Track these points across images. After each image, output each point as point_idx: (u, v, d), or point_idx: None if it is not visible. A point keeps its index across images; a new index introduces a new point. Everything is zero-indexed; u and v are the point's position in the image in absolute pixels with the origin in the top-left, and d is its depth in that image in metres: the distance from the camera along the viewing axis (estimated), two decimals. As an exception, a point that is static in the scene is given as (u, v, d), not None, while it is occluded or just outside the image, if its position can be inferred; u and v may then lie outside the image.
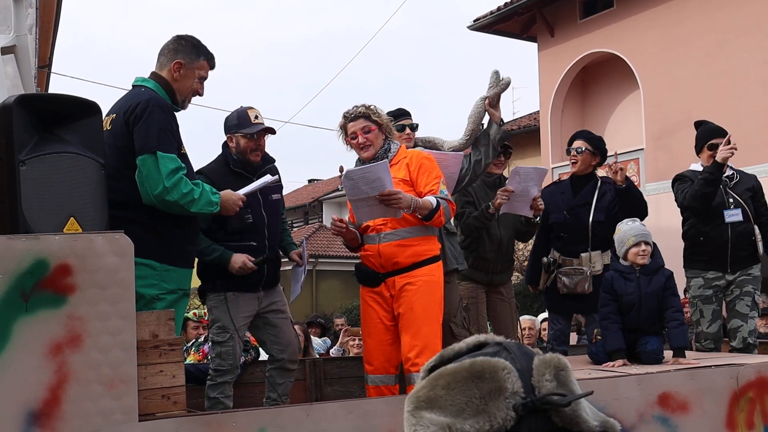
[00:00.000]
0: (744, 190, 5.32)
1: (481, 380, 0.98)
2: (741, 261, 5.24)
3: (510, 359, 1.00)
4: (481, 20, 17.49)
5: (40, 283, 2.61)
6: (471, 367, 1.00)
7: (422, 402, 1.00)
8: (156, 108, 3.49)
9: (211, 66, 3.79)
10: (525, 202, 4.98)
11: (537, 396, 0.97)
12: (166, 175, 3.41)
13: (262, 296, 4.29)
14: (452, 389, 0.99)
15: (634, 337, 4.58)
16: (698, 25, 14.12)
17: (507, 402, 0.96)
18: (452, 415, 0.96)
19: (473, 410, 0.96)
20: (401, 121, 4.77)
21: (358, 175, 3.83)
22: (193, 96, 3.78)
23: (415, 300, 3.97)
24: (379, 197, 3.82)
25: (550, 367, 1.01)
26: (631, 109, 16.08)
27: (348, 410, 3.05)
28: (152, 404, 2.87)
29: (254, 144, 4.26)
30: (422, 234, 4.07)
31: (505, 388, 0.97)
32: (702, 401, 3.76)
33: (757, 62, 13.07)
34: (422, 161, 4.14)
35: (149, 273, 3.46)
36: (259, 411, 2.98)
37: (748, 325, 5.14)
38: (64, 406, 2.60)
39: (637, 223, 4.76)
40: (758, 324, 9.00)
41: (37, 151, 2.99)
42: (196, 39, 3.77)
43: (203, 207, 3.55)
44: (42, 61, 12.62)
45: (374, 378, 4.08)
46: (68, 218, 2.98)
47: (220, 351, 4.19)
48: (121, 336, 2.71)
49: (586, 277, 5.07)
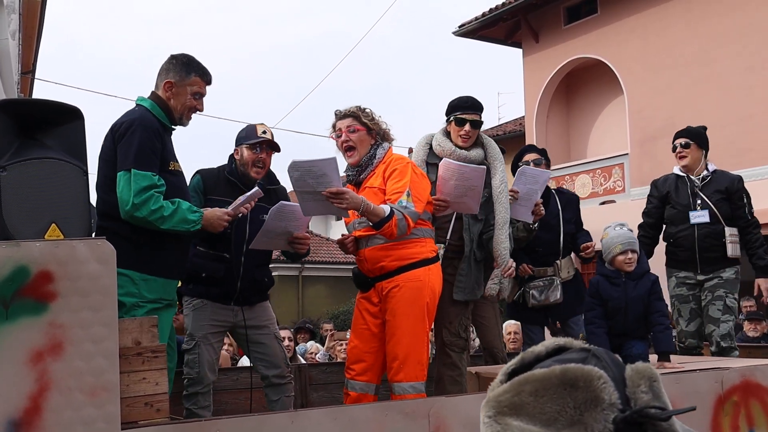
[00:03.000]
0: (714, 191, 5.25)
1: (574, 389, 0.93)
2: (711, 262, 5.19)
3: (602, 367, 0.96)
4: (466, 26, 17.55)
5: (20, 291, 2.58)
6: (563, 375, 0.94)
7: (505, 408, 0.94)
8: (139, 128, 3.55)
9: (205, 81, 3.83)
10: (527, 207, 4.80)
11: (634, 408, 0.93)
12: (136, 192, 3.45)
13: (238, 311, 4.21)
14: (541, 396, 0.93)
15: (620, 341, 4.60)
16: (681, 32, 14.24)
17: (605, 413, 0.92)
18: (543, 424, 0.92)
19: (567, 420, 0.92)
20: (464, 114, 4.39)
21: (305, 168, 3.64)
22: (191, 112, 3.82)
23: (398, 307, 3.85)
24: (325, 194, 3.65)
25: (644, 377, 0.97)
26: (615, 115, 16.18)
27: (333, 417, 3.02)
28: (135, 412, 2.84)
29: (257, 157, 4.22)
30: (408, 237, 3.89)
31: (602, 398, 0.92)
32: (687, 405, 3.76)
33: (740, 69, 13.18)
34: (396, 167, 3.94)
35: (127, 282, 3.45)
36: (242, 418, 2.95)
37: (720, 329, 5.08)
38: (45, 414, 2.56)
39: (624, 230, 4.77)
40: (747, 328, 9.09)
41: (19, 157, 2.96)
42: (189, 57, 3.81)
43: (177, 224, 3.53)
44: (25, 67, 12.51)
45: (354, 384, 3.99)
46: (50, 225, 2.95)
47: (187, 359, 4.14)
48: (104, 343, 2.68)
49: (556, 287, 5.17)
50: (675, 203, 5.37)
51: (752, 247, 5.16)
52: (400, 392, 3.80)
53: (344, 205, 3.70)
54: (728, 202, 5.24)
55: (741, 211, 5.21)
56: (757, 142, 12.66)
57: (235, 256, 4.15)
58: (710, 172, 5.34)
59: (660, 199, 5.47)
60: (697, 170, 5.36)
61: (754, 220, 5.26)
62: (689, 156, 5.34)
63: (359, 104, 4.10)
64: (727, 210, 5.23)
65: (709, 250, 5.18)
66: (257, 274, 4.26)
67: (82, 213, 3.07)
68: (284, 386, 4.33)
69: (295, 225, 4.00)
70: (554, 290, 5.17)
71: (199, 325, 4.13)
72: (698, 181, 5.32)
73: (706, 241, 5.18)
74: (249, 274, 4.20)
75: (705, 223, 5.20)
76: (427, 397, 3.87)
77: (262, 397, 4.66)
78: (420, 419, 3.10)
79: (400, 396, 3.78)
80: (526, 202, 4.77)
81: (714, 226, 5.19)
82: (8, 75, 4.78)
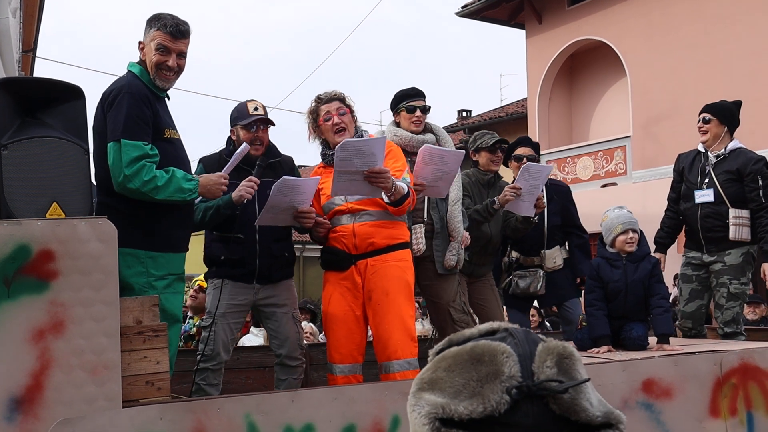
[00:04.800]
0: (725, 171, 5.11)
1: (480, 363, 0.98)
2: (715, 242, 5.10)
3: (513, 344, 0.99)
4: (469, 6, 17.45)
5: (22, 269, 2.59)
6: (472, 351, 0.99)
7: (425, 383, 1.00)
8: (126, 95, 3.47)
9: (167, 32, 3.59)
10: (530, 202, 4.82)
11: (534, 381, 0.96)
12: (127, 163, 3.38)
13: (259, 289, 4.22)
14: (452, 371, 0.99)
15: (620, 323, 4.60)
16: (685, 13, 14.15)
17: (502, 386, 0.95)
18: (449, 396, 0.96)
19: (469, 392, 0.96)
20: (412, 101, 4.58)
21: (355, 147, 3.72)
22: (163, 71, 3.62)
23: (390, 285, 3.91)
24: (368, 173, 3.75)
25: (552, 354, 0.99)
26: (618, 97, 16.12)
27: (333, 396, 3.04)
28: (136, 390, 2.86)
29: (253, 135, 4.21)
30: (396, 218, 4.03)
31: (502, 371, 0.96)
32: (686, 387, 3.79)
33: (744, 51, 13.12)
34: (391, 147, 4.09)
35: (134, 262, 3.42)
36: (244, 397, 2.97)
37: (724, 315, 5.06)
38: (47, 392, 2.58)
39: (624, 211, 4.77)
40: (746, 311, 9.10)
41: (20, 135, 2.96)
42: (157, 13, 3.67)
43: (172, 194, 3.47)
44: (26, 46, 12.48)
45: (342, 368, 4.00)
46: (51, 203, 2.95)
47: (204, 336, 4.18)
48: (105, 322, 2.69)
49: (539, 278, 5.30)
50: (686, 179, 5.30)
51: (761, 231, 5.01)
52: (398, 369, 3.85)
53: (384, 185, 3.81)
54: (739, 183, 5.09)
55: (754, 193, 5.04)
56: (759, 125, 12.61)
57: (250, 235, 4.16)
58: (728, 151, 5.17)
59: (679, 173, 5.39)
60: (715, 147, 5.22)
61: None
62: (709, 132, 5.20)
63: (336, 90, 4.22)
64: (736, 191, 5.08)
65: (711, 230, 5.10)
66: (275, 250, 4.25)
67: (84, 191, 3.07)
68: (294, 368, 4.31)
69: (299, 199, 3.98)
70: (537, 281, 5.30)
71: (218, 303, 4.14)
72: (713, 158, 5.18)
73: (707, 221, 5.10)
74: (266, 251, 4.21)
75: (709, 202, 5.12)
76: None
77: (264, 376, 4.69)
78: (420, 399, 3.12)
79: (398, 373, 3.83)
80: (528, 197, 4.80)
81: (718, 206, 5.09)
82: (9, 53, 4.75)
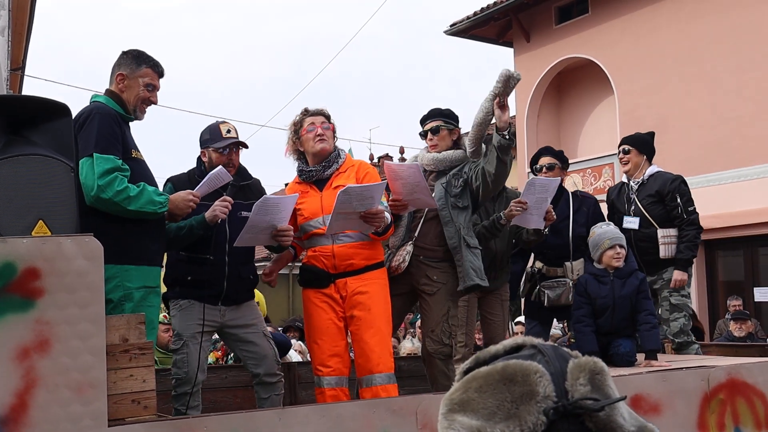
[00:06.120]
0: (646, 195, 5.30)
1: (513, 383, 0.97)
2: (653, 264, 5.24)
3: (543, 362, 0.99)
4: (457, 25, 17.54)
5: (7, 287, 2.57)
6: (503, 371, 0.98)
7: (455, 405, 0.99)
8: (97, 115, 3.59)
9: (157, 72, 3.86)
10: (538, 215, 4.72)
11: (569, 400, 0.96)
12: (100, 174, 3.46)
13: (225, 311, 4.20)
14: (484, 392, 0.97)
15: (608, 339, 4.62)
16: (672, 32, 14.28)
17: (538, 406, 0.95)
18: (483, 418, 0.95)
19: (504, 414, 0.95)
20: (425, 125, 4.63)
21: (357, 192, 3.89)
22: (145, 105, 3.84)
23: (372, 302, 4.07)
24: (365, 213, 3.93)
25: (584, 370, 0.99)
26: (606, 115, 16.21)
27: (321, 414, 3.03)
28: (122, 409, 2.83)
29: (226, 158, 4.21)
30: (372, 239, 4.18)
31: (537, 392, 0.95)
32: (674, 403, 3.79)
33: (730, 69, 13.23)
34: (368, 170, 4.32)
35: (108, 276, 3.42)
36: (230, 415, 2.96)
37: (671, 328, 5.21)
38: (32, 411, 2.56)
39: (611, 227, 4.82)
40: (732, 327, 9.14)
41: (5, 153, 2.95)
42: (140, 51, 3.87)
43: (144, 205, 3.55)
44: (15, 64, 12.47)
45: (330, 380, 4.06)
46: (37, 221, 2.94)
47: (176, 359, 4.12)
48: (91, 340, 2.68)
49: (569, 288, 5.17)
50: (616, 210, 5.49)
51: (681, 242, 5.20)
52: (380, 382, 3.99)
53: (380, 224, 4.00)
54: (662, 204, 5.28)
55: (675, 211, 5.24)
56: (746, 142, 12.70)
57: (219, 257, 4.13)
58: (647, 176, 5.38)
59: (610, 206, 5.59)
60: (636, 175, 5.42)
61: (692, 218, 5.23)
62: (630, 162, 5.43)
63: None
64: (661, 212, 5.27)
65: (647, 253, 5.22)
66: (243, 272, 4.25)
67: (70, 209, 3.06)
68: (275, 384, 4.30)
69: (278, 218, 4.01)
70: (567, 292, 5.17)
71: (187, 324, 4.10)
72: (635, 185, 5.39)
73: (641, 245, 5.24)
74: (234, 273, 4.19)
75: (637, 228, 5.26)
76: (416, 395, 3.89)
77: (251, 395, 4.66)
78: (408, 416, 3.11)
79: (380, 386, 3.97)
80: (536, 210, 4.69)
81: (648, 229, 5.26)
82: (-3, 71, 4.77)
